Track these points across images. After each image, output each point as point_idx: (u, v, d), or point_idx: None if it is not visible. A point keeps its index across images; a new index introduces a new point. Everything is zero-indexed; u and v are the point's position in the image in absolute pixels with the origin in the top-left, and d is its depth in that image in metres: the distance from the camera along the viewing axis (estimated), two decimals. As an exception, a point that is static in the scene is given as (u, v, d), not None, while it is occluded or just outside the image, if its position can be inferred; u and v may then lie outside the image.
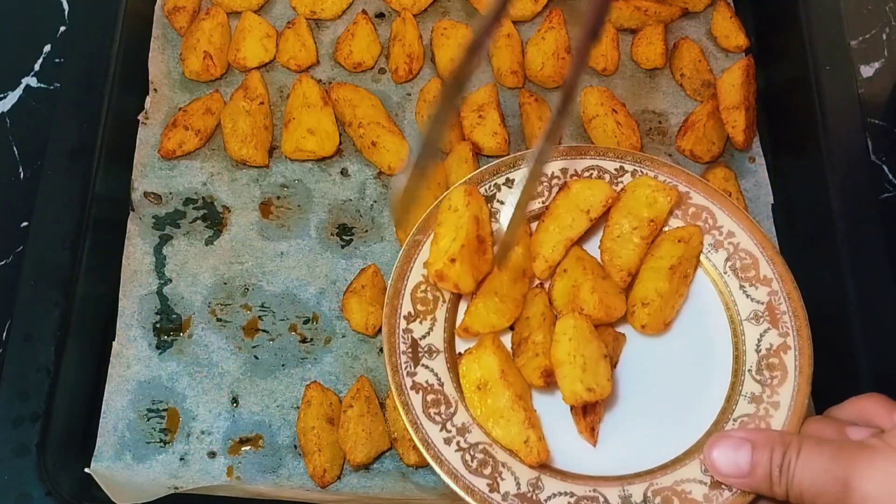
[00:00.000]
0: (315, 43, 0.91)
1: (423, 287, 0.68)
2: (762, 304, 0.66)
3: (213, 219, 0.84)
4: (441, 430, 0.62)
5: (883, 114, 0.93)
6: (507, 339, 0.67)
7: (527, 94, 0.88)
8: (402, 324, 0.66)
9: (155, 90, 0.88)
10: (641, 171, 0.70)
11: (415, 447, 0.72)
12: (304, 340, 0.79)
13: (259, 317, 0.80)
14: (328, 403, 0.75)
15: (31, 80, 0.92)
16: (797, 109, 0.86)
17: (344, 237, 0.83)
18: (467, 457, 0.61)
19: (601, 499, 0.60)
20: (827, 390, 0.69)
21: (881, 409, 0.55)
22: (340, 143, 0.87)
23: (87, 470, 0.73)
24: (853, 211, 0.78)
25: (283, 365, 0.78)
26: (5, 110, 0.91)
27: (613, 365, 0.65)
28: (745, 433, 0.56)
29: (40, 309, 0.75)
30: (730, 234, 0.68)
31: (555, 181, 0.70)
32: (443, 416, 0.63)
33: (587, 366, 0.60)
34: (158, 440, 0.76)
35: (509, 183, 0.71)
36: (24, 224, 0.84)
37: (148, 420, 0.76)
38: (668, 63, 0.92)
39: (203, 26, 0.89)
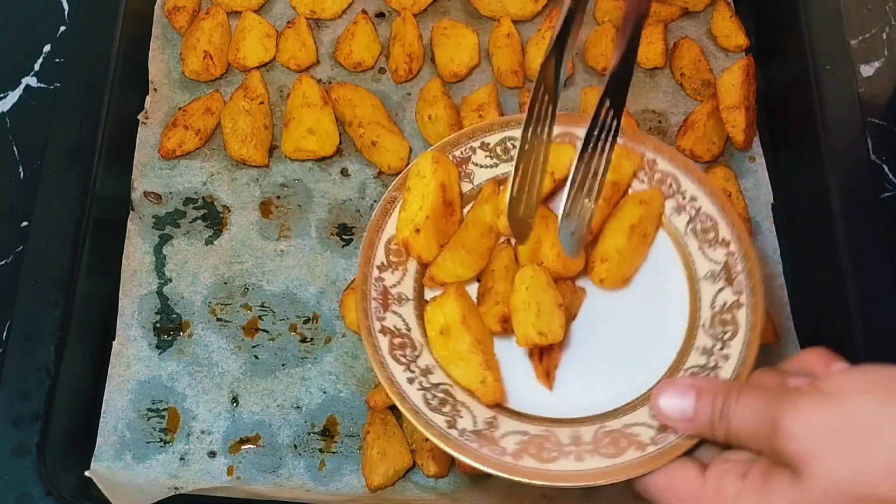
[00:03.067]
0: (315, 43, 0.91)
1: (396, 241, 0.70)
2: (719, 264, 0.68)
3: (213, 218, 0.84)
4: (405, 370, 0.64)
5: (883, 114, 0.93)
6: (473, 291, 0.69)
7: (527, 93, 0.88)
8: (375, 273, 0.69)
9: (155, 90, 0.88)
10: None
11: (434, 458, 0.73)
12: (304, 340, 0.79)
13: (259, 316, 0.80)
14: None
15: (31, 80, 0.92)
16: (797, 109, 0.86)
17: (344, 237, 0.83)
18: (429, 396, 0.63)
19: (553, 438, 0.62)
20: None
21: (821, 361, 0.57)
22: (340, 142, 0.87)
23: (86, 473, 0.73)
24: (853, 211, 0.78)
25: (283, 365, 0.78)
26: (5, 110, 0.91)
27: (573, 317, 0.68)
28: (691, 381, 0.58)
29: (40, 309, 0.75)
30: (693, 198, 0.70)
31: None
32: (408, 358, 0.65)
33: (541, 313, 0.64)
34: (158, 440, 0.76)
35: (485, 146, 0.74)
36: (24, 224, 0.84)
37: (148, 420, 0.76)
38: (668, 63, 0.91)
39: (203, 26, 0.89)
